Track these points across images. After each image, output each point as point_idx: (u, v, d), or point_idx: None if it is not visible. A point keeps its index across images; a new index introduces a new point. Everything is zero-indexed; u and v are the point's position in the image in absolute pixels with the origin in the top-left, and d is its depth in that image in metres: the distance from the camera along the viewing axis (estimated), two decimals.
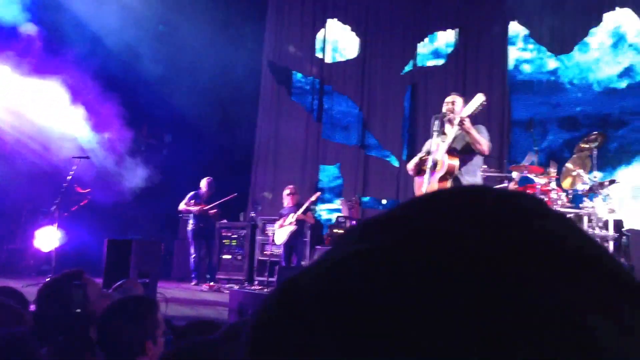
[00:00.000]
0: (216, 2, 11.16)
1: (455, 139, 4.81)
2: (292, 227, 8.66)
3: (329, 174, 12.27)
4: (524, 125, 10.32)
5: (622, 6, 10.49)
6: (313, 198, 8.99)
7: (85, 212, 9.17)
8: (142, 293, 4.01)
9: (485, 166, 7.52)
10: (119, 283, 3.72)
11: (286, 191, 9.06)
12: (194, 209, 9.18)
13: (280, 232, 8.81)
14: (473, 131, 4.68)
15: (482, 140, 4.72)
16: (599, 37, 10.80)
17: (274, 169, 12.13)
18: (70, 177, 7.96)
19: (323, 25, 12.43)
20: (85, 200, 9.06)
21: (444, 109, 4.97)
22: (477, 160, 5.00)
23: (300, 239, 8.90)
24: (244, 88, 11.75)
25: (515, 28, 11.33)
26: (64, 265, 7.64)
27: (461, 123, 4.66)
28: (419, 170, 5.07)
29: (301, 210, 8.69)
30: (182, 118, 10.98)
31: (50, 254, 7.93)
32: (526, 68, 11.38)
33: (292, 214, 8.71)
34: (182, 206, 9.37)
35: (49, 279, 6.36)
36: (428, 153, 5.07)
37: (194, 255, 9.20)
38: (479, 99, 4.71)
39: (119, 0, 9.69)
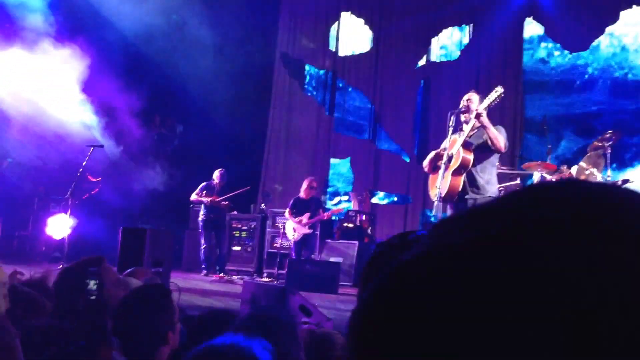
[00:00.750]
0: None
1: (472, 135, 4.79)
2: (305, 230, 8.73)
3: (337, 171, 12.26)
4: (537, 124, 10.27)
5: (638, 4, 10.41)
6: (326, 216, 9.02)
7: (96, 200, 9.22)
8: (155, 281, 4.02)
9: (498, 163, 7.50)
10: (130, 270, 3.73)
11: (306, 182, 9.09)
12: (206, 199, 9.21)
13: (293, 231, 8.86)
14: (490, 126, 4.67)
15: (500, 137, 4.71)
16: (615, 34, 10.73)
17: (285, 162, 12.14)
18: (83, 166, 8.01)
19: (337, 18, 12.39)
20: (96, 189, 9.11)
21: (460, 106, 4.96)
22: (493, 158, 4.99)
23: (311, 233, 8.92)
24: (257, 80, 11.76)
25: (531, 25, 11.26)
26: (75, 253, 7.70)
27: (478, 116, 4.64)
28: (434, 166, 5.05)
29: (313, 220, 8.74)
30: (194, 109, 11.01)
31: (62, 241, 7.99)
32: (541, 66, 11.32)
33: (307, 215, 8.74)
34: (193, 196, 9.40)
35: (64, 266, 6.42)
36: (444, 150, 5.06)
37: (204, 246, 9.23)
38: (497, 91, 4.70)
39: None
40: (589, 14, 10.62)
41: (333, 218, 9.85)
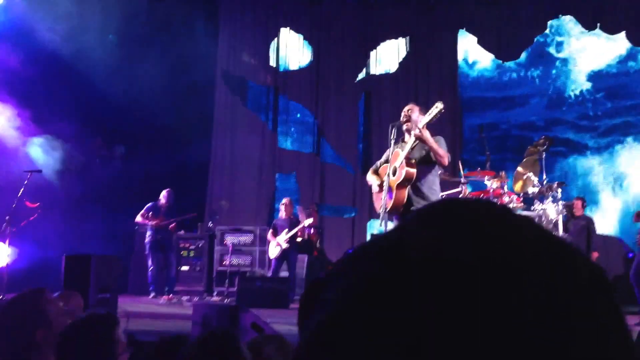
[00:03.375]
0: (167, 13, 11.07)
1: (413, 148, 4.89)
2: (285, 246, 8.71)
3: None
4: (475, 129, 10.59)
5: (564, 14, 10.92)
6: (305, 224, 9.00)
7: (36, 227, 8.92)
8: (81, 304, 3.92)
9: (441, 171, 7.68)
10: (56, 295, 3.62)
11: (283, 201, 9.13)
12: (151, 222, 9.06)
13: (274, 249, 8.85)
14: (431, 141, 4.76)
15: (442, 151, 4.80)
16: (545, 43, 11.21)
17: (231, 179, 12.07)
18: (20, 192, 7.74)
19: (276, 34, 12.46)
20: (35, 215, 8.81)
21: (401, 118, 5.06)
22: (435, 169, 5.09)
23: (292, 251, 8.89)
24: (198, 98, 11.66)
25: (464, 35, 11.62)
26: (16, 283, 7.42)
27: (419, 135, 4.73)
28: (380, 180, 5.13)
29: (292, 233, 8.72)
30: (136, 129, 10.83)
31: (1, 271, 7.69)
32: (476, 74, 11.70)
33: (285, 230, 8.73)
34: (139, 218, 9.22)
35: (4, 298, 6.18)
36: (387, 161, 5.15)
37: (151, 268, 9.06)
38: (437, 107, 4.79)
39: (68, 7, 9.49)
40: (519, 23, 11.07)
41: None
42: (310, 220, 9.16)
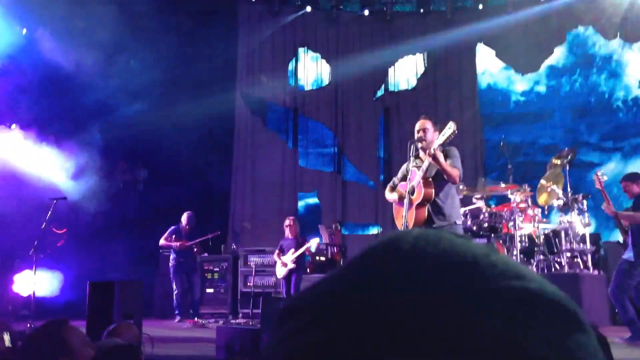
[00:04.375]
0: (186, 36, 11.21)
1: (429, 167, 4.87)
2: (292, 266, 8.60)
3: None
4: (497, 143, 10.48)
5: (584, 24, 10.82)
6: (312, 244, 8.92)
7: (63, 253, 9.04)
8: (137, 334, 3.94)
9: (462, 186, 7.62)
10: (112, 326, 3.62)
11: (286, 222, 8.97)
12: (175, 244, 9.11)
13: (281, 269, 8.76)
14: (443, 163, 4.73)
15: (453, 171, 4.77)
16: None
17: (252, 199, 12.11)
18: (47, 219, 7.86)
19: (294, 54, 12.55)
20: (62, 241, 8.94)
21: (416, 135, 5.04)
22: (448, 186, 5.05)
23: (298, 271, 8.79)
24: (219, 119, 11.76)
25: (483, 49, 11.58)
26: (43, 309, 7.52)
27: (433, 156, 4.70)
28: (399, 195, 5.11)
29: (298, 253, 8.62)
30: (158, 153, 10.95)
31: (29, 298, 7.79)
32: (496, 88, 11.63)
33: (291, 250, 8.63)
34: (162, 241, 9.28)
35: (32, 325, 6.26)
36: (404, 178, 5.13)
37: (176, 292, 9.09)
38: (450, 128, 4.75)
39: (88, 34, 9.64)
40: (537, 35, 10.99)
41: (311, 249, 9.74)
42: (316, 241, 9.08)
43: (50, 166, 9.61)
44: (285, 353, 0.38)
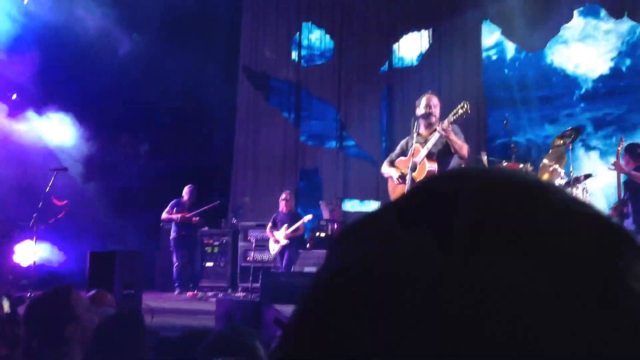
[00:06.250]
0: (190, 9, 11.09)
1: (435, 144, 4.84)
2: (284, 242, 8.61)
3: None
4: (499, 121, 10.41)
5: (591, 2, 10.68)
6: (305, 220, 8.89)
7: (63, 224, 9.04)
8: (114, 304, 3.96)
9: (463, 164, 7.58)
10: (91, 293, 3.68)
11: (282, 195, 8.96)
12: (176, 217, 9.13)
13: (273, 245, 8.77)
14: (454, 138, 4.72)
15: (463, 146, 4.76)
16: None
17: (254, 174, 12.09)
18: (47, 190, 7.85)
19: (298, 29, 12.44)
20: (62, 213, 8.93)
21: (423, 111, 5.00)
22: (454, 160, 5.05)
23: (292, 246, 8.81)
24: (221, 94, 11.69)
25: (488, 26, 11.46)
26: (44, 280, 7.54)
27: (446, 133, 4.68)
28: (399, 172, 5.08)
29: (291, 229, 8.61)
30: (159, 127, 10.90)
31: (29, 269, 7.82)
32: (499, 65, 11.53)
33: (285, 226, 8.62)
34: (164, 215, 9.32)
35: (32, 294, 6.27)
36: (403, 153, 5.11)
37: (176, 264, 9.14)
38: (463, 107, 4.73)
39: (90, 8, 9.58)
40: (544, 13, 10.86)
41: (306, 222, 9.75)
42: (310, 217, 9.06)
43: (53, 134, 9.58)
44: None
